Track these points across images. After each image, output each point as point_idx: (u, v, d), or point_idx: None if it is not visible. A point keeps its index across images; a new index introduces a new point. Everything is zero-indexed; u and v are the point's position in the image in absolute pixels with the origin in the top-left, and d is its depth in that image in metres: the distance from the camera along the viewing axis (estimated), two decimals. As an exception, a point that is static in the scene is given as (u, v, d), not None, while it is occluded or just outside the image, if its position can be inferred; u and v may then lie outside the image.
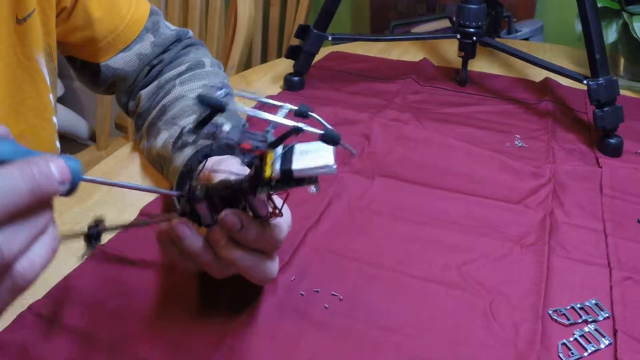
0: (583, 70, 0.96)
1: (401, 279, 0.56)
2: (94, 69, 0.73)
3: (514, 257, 0.60)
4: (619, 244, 0.62)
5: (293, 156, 0.41)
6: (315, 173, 0.40)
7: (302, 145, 0.42)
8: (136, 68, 0.74)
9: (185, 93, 0.68)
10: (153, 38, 0.74)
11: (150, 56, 0.74)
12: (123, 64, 0.72)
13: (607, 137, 0.81)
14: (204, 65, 0.74)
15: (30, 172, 0.29)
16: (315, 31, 0.97)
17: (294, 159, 0.41)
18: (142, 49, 0.73)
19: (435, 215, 0.66)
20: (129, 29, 0.72)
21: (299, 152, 0.41)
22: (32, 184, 0.29)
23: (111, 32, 0.70)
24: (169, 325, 0.50)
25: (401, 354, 0.48)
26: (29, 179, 0.29)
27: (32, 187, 0.29)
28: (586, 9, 0.83)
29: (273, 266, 0.48)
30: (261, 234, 0.45)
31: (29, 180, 0.29)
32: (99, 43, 0.70)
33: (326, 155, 0.40)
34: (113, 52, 0.72)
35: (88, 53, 0.72)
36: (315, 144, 0.41)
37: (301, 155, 0.41)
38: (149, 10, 0.75)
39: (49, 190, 0.31)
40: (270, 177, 0.40)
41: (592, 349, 0.49)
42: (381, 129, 0.83)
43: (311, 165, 0.40)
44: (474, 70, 1.07)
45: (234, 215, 0.44)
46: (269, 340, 0.49)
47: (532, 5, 1.64)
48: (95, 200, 0.67)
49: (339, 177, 0.72)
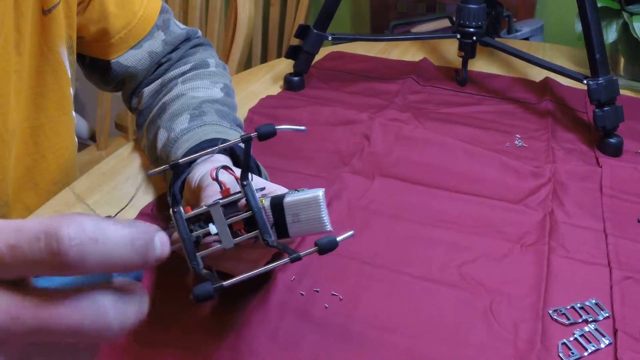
0: (583, 70, 0.96)
1: (401, 279, 0.56)
2: (104, 66, 0.73)
3: (514, 257, 0.60)
4: (619, 243, 0.62)
5: (285, 217, 0.40)
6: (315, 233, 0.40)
7: (290, 197, 0.40)
8: (147, 66, 0.74)
9: (185, 91, 0.68)
10: (164, 36, 0.74)
11: (160, 54, 0.74)
12: (135, 61, 0.72)
13: (607, 137, 0.81)
14: (209, 66, 0.74)
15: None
16: (315, 31, 0.97)
17: (287, 222, 0.40)
18: (153, 46, 0.73)
19: (435, 215, 0.66)
20: (141, 25, 0.72)
21: (290, 212, 0.40)
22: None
23: (124, 27, 0.70)
24: (170, 326, 0.50)
25: (401, 354, 0.48)
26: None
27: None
28: (586, 9, 0.83)
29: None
30: (264, 252, 0.46)
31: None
32: (112, 39, 0.70)
33: (317, 209, 0.39)
34: (124, 48, 0.72)
35: (99, 49, 0.72)
36: (303, 194, 0.40)
37: (293, 216, 0.40)
38: (160, 8, 0.75)
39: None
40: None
41: (592, 349, 0.49)
42: (381, 129, 0.83)
43: (311, 250, 0.37)
44: (474, 70, 1.07)
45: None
46: (269, 340, 0.49)
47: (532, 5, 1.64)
48: (95, 201, 0.67)
49: (339, 177, 0.72)
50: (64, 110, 0.68)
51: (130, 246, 0.26)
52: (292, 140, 0.81)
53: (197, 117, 0.63)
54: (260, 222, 0.39)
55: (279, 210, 0.40)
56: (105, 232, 0.25)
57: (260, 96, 0.95)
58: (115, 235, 0.25)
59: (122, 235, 0.26)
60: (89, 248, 0.24)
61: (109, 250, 0.25)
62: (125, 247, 0.26)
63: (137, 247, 0.26)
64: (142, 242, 0.26)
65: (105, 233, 0.25)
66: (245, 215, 0.40)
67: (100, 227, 0.25)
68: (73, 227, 0.24)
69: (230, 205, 0.41)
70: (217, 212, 0.40)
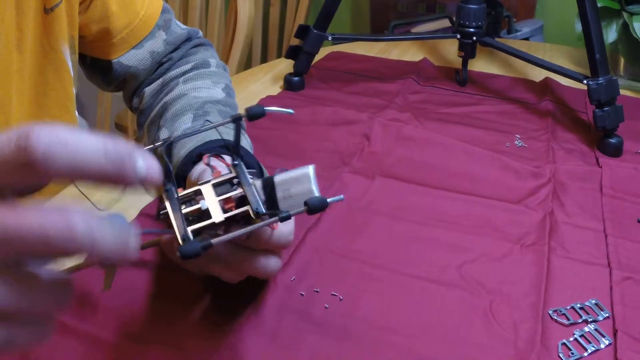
0: (583, 70, 0.96)
1: (401, 279, 0.56)
2: (106, 66, 0.73)
3: (514, 257, 0.60)
4: (619, 244, 0.62)
5: (276, 192, 0.41)
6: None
7: (281, 176, 0.41)
8: (148, 66, 0.74)
9: (187, 91, 0.68)
10: (165, 36, 0.74)
11: (162, 54, 0.74)
12: (136, 61, 0.72)
13: (607, 137, 0.81)
14: (209, 66, 0.74)
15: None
16: (315, 31, 0.97)
17: (278, 198, 0.41)
18: (154, 46, 0.73)
19: (435, 215, 0.66)
20: (142, 25, 0.72)
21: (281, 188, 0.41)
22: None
23: (125, 27, 0.70)
24: (169, 325, 0.50)
25: (401, 354, 0.48)
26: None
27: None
28: (586, 9, 0.83)
29: (277, 261, 0.48)
30: (267, 238, 0.45)
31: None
32: (113, 38, 0.70)
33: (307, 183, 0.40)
34: (125, 48, 0.71)
35: (101, 49, 0.72)
36: (294, 172, 0.41)
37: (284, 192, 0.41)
38: (161, 8, 0.75)
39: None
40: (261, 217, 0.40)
41: (592, 349, 0.49)
42: (381, 129, 0.83)
43: (301, 209, 0.39)
44: (474, 70, 1.07)
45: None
46: (269, 340, 0.49)
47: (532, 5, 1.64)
48: (95, 200, 0.67)
49: (339, 177, 0.72)
50: (67, 109, 0.68)
51: (103, 155, 0.26)
52: (292, 140, 0.81)
53: (200, 117, 0.63)
54: (251, 196, 0.40)
55: (270, 187, 0.41)
56: (77, 137, 0.25)
57: (260, 96, 0.95)
58: (87, 141, 0.26)
59: (95, 142, 0.26)
60: (58, 149, 0.24)
61: (79, 155, 0.25)
62: (98, 154, 0.26)
63: (111, 157, 0.26)
64: (117, 154, 0.26)
65: (78, 138, 0.25)
66: (237, 193, 0.41)
67: (73, 133, 0.25)
68: (46, 130, 0.25)
69: (222, 187, 0.42)
70: (207, 190, 0.41)
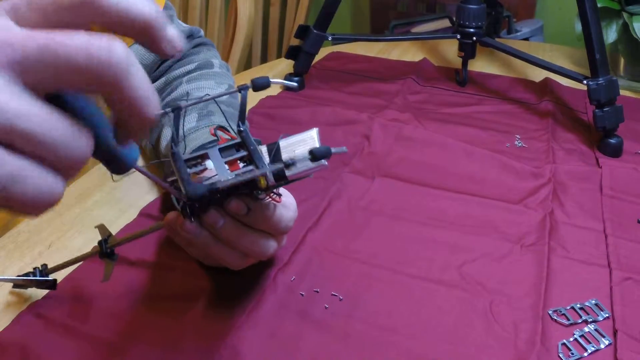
0: (583, 70, 0.96)
1: (401, 279, 0.56)
2: None
3: (514, 257, 0.60)
4: (619, 244, 0.62)
5: (282, 154, 0.42)
6: (309, 173, 0.41)
7: (285, 140, 0.43)
8: (151, 62, 0.74)
9: (191, 91, 0.69)
10: None
11: None
12: (138, 57, 0.72)
13: (607, 137, 0.81)
14: (213, 66, 0.74)
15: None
16: (315, 31, 0.97)
17: (284, 160, 0.41)
18: None
19: (436, 215, 0.66)
20: None
21: (286, 150, 0.42)
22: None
23: None
24: (169, 325, 0.50)
25: (401, 354, 0.48)
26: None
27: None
28: (586, 9, 0.83)
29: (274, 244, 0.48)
30: (269, 216, 0.46)
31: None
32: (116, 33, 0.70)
33: (312, 144, 0.42)
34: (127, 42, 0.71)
35: None
36: (298, 135, 0.42)
37: (289, 153, 0.42)
38: (164, 3, 0.75)
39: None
40: (266, 185, 0.41)
41: (592, 349, 0.49)
42: (381, 129, 0.83)
43: (304, 168, 0.40)
44: (474, 70, 1.07)
45: (239, 201, 0.44)
46: (269, 340, 0.49)
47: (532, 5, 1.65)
48: (96, 201, 0.67)
49: (339, 177, 0.72)
50: None
51: (148, 9, 0.31)
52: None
53: (205, 116, 0.63)
54: (256, 157, 0.41)
55: (276, 150, 0.42)
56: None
57: (260, 96, 0.95)
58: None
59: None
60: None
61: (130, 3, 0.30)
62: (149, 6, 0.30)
63: (155, 14, 0.30)
64: (160, 12, 0.29)
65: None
66: (242, 155, 0.42)
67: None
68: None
69: (228, 151, 0.43)
70: (214, 152, 0.42)
